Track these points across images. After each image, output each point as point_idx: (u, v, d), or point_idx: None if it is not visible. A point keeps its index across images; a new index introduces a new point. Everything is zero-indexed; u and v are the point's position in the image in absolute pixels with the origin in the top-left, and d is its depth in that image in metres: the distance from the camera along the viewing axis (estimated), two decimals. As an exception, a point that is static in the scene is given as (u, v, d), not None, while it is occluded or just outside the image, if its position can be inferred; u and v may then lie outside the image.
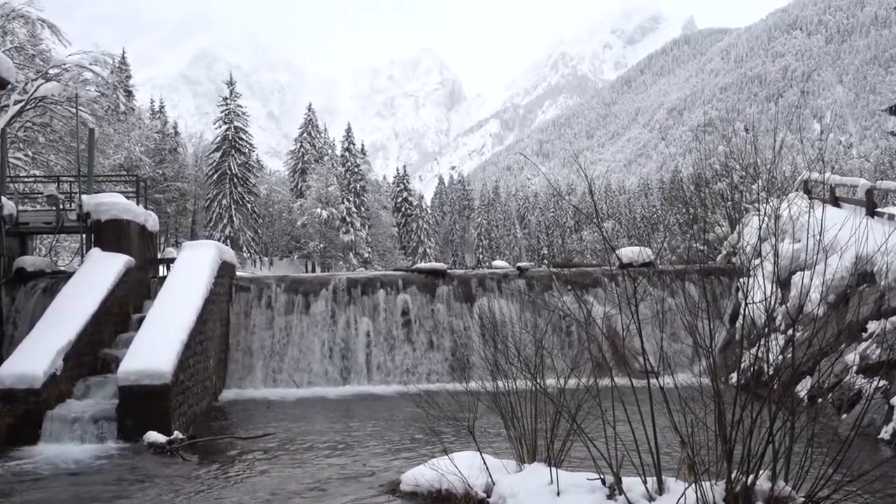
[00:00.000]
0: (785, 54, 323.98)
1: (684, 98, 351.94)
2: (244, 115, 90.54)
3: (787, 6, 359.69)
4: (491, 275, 27.47)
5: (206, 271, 21.83)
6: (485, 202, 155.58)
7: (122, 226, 23.15)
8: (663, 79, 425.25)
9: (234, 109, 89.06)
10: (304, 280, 26.62)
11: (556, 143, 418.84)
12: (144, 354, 16.61)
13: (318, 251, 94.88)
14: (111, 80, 61.85)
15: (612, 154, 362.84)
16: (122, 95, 71.63)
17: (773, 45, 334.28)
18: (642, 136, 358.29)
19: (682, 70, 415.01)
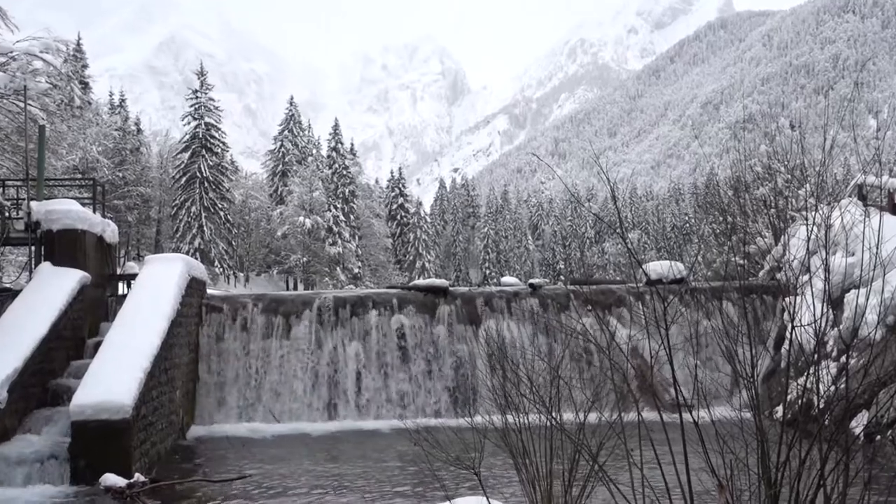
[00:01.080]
0: (836, 40, 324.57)
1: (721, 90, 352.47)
2: (216, 109, 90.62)
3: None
4: (499, 293, 27.44)
5: (173, 289, 21.82)
6: (492, 209, 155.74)
7: (76, 237, 23.12)
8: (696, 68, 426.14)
9: (204, 103, 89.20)
10: (285, 299, 26.61)
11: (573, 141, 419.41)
12: (101, 385, 16.58)
13: (300, 266, 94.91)
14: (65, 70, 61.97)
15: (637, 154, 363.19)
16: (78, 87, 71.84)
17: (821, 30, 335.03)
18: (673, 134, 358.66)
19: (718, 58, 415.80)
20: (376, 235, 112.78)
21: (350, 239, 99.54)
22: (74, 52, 75.33)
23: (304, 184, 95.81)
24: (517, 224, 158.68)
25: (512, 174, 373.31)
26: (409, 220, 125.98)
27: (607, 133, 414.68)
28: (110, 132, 79.16)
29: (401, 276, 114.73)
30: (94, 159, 70.49)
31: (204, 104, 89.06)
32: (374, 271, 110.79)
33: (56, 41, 41.18)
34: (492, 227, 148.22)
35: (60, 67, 54.66)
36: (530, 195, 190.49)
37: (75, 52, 76.13)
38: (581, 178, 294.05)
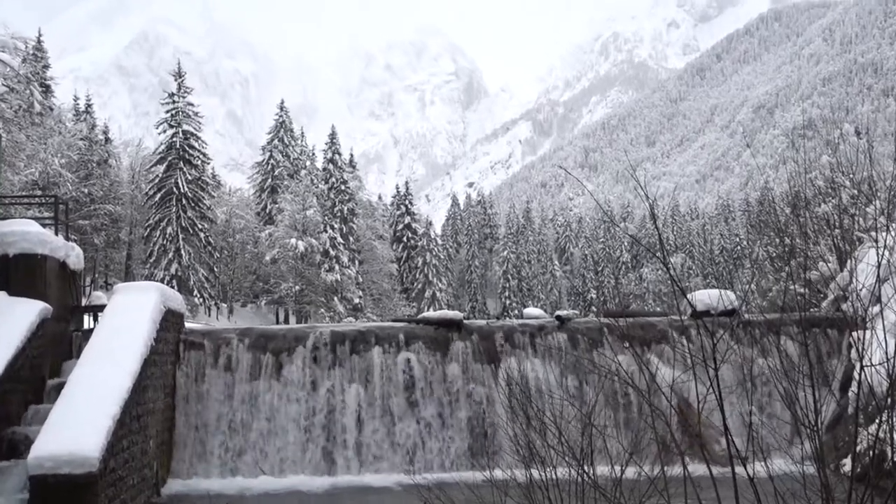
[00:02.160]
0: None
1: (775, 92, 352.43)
2: (196, 116, 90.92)
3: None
4: (521, 327, 27.41)
5: (146, 323, 21.85)
6: (512, 230, 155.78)
7: (35, 263, 23.18)
8: (747, 67, 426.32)
9: (182, 108, 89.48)
10: (275, 334, 26.62)
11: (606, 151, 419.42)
12: (64, 434, 16.57)
13: (292, 295, 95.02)
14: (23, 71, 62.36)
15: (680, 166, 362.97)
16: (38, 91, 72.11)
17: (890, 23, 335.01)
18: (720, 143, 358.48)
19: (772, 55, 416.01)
20: (379, 260, 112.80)
21: (349, 264, 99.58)
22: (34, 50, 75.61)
23: (297, 201, 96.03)
24: (542, 247, 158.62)
25: (535, 189, 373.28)
26: (418, 243, 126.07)
27: (645, 141, 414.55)
28: (75, 142, 79.46)
29: (408, 308, 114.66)
30: (57, 173, 70.72)
31: (181, 109, 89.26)
32: (377, 301, 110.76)
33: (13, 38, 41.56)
34: (512, 251, 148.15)
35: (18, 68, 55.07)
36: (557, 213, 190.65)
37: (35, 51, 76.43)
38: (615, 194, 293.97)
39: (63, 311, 24.23)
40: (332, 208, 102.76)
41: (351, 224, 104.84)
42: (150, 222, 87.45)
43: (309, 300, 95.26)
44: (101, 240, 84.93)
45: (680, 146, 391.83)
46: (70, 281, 25.20)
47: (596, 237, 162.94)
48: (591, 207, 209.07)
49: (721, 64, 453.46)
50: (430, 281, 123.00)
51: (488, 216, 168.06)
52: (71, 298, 25.28)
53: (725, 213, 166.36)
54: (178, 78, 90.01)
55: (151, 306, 22.70)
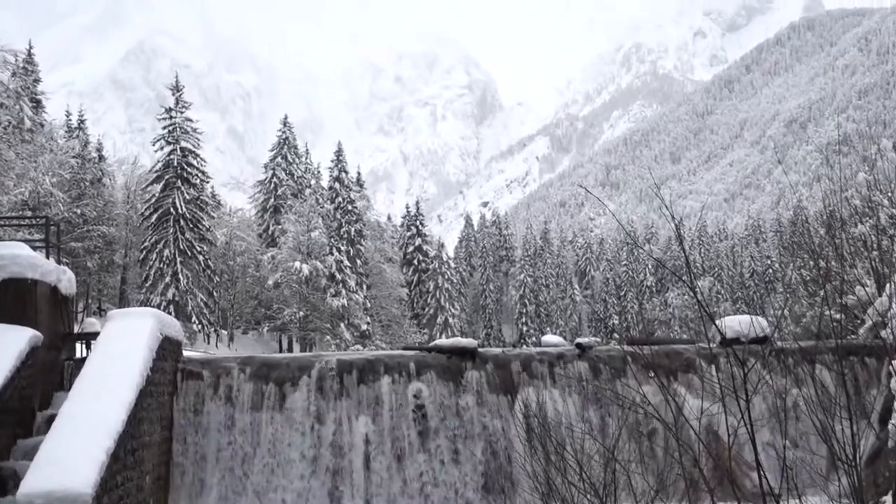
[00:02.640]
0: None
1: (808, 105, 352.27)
2: (195, 132, 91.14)
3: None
4: (540, 355, 27.37)
5: (142, 351, 21.85)
6: (530, 252, 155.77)
7: (24, 287, 23.19)
8: (778, 79, 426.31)
9: (180, 124, 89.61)
10: (278, 363, 26.62)
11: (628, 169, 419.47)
12: (55, 469, 16.56)
13: (296, 322, 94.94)
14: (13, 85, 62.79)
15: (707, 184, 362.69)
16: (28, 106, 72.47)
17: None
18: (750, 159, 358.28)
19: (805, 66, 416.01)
20: (388, 284, 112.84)
21: (357, 289, 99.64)
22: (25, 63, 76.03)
23: (301, 222, 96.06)
24: (561, 270, 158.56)
25: (554, 209, 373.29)
26: (429, 266, 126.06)
27: (670, 158, 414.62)
28: (67, 160, 79.48)
29: (419, 335, 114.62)
30: (48, 193, 70.86)
31: (179, 125, 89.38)
32: (387, 328, 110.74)
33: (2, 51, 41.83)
34: (529, 274, 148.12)
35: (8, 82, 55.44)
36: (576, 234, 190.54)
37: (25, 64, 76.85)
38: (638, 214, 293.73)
39: (54, 338, 24.25)
40: (339, 229, 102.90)
41: (358, 246, 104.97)
42: (146, 244, 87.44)
43: (314, 327, 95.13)
44: (95, 263, 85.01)
45: (707, 163, 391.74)
46: (62, 307, 25.23)
47: (618, 260, 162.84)
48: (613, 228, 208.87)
49: (750, 76, 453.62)
50: (443, 306, 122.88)
51: (504, 237, 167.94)
52: (63, 325, 25.31)
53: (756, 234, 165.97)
54: (176, 92, 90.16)
55: (147, 333, 22.69)
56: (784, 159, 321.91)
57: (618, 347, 29.00)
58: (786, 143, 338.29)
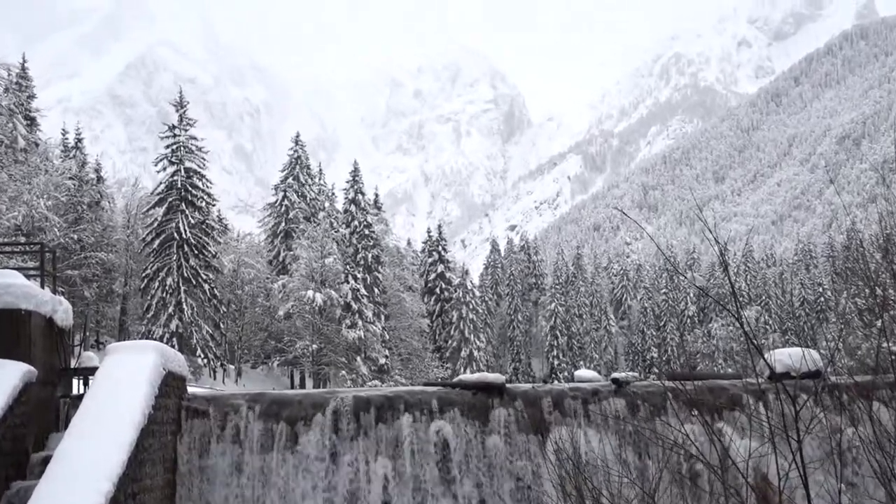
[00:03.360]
0: None
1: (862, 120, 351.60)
2: (200, 151, 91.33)
3: None
4: (572, 391, 27.30)
5: (143, 388, 21.87)
6: (561, 279, 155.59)
7: (18, 319, 23.24)
8: (829, 91, 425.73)
9: (184, 143, 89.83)
10: (290, 400, 26.61)
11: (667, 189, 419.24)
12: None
13: (309, 355, 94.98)
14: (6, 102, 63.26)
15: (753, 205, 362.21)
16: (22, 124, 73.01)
17: None
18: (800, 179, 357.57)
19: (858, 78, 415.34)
20: (408, 315, 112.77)
21: (374, 319, 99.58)
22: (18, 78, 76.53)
23: (314, 247, 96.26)
24: (595, 299, 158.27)
25: (587, 233, 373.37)
26: (452, 295, 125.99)
27: (713, 177, 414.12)
28: (63, 182, 79.89)
29: (441, 370, 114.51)
30: (42, 217, 71.22)
31: (183, 144, 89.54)
32: (407, 362, 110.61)
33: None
34: (561, 304, 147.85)
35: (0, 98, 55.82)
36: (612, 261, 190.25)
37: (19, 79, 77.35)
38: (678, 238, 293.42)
39: (49, 374, 24.28)
40: (355, 256, 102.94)
41: (376, 273, 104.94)
42: (148, 272, 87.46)
43: (328, 361, 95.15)
44: (93, 292, 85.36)
45: (753, 183, 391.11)
46: (57, 340, 25.27)
47: (657, 288, 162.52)
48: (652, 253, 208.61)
49: (799, 88, 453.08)
50: (467, 338, 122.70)
51: (533, 264, 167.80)
52: (58, 360, 25.35)
53: (806, 260, 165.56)
54: (180, 108, 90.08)
55: (149, 369, 22.71)
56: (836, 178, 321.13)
57: (657, 383, 28.88)
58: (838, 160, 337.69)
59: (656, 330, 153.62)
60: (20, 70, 78.59)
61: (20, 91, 76.07)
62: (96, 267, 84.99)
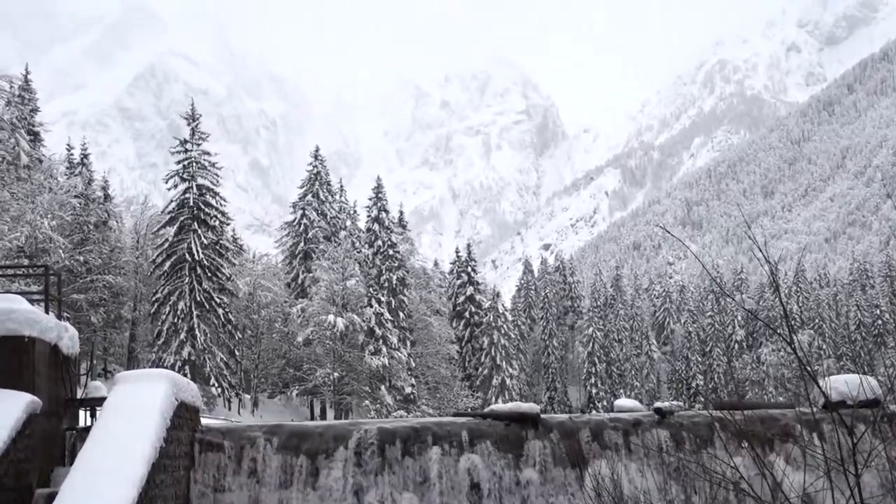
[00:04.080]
0: None
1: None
2: (214, 167, 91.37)
3: None
4: (612, 422, 27.24)
5: (154, 419, 21.90)
6: (599, 302, 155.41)
7: (21, 347, 23.25)
8: (885, 99, 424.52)
9: (196, 158, 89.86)
10: (310, 433, 26.62)
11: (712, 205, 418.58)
12: (55, 555, 16.59)
13: (330, 384, 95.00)
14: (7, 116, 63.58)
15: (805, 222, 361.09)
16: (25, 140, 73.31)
17: None
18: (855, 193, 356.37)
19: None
20: (436, 340, 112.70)
21: (399, 346, 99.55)
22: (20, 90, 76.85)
23: (335, 269, 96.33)
24: (635, 323, 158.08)
25: (626, 252, 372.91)
26: (483, 319, 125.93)
27: (761, 192, 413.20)
28: (68, 200, 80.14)
29: (471, 399, 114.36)
30: (47, 238, 71.47)
31: (195, 160, 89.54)
32: (434, 391, 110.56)
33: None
34: (599, 328, 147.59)
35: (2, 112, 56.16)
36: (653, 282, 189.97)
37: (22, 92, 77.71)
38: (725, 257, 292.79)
39: (54, 405, 24.33)
40: (379, 277, 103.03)
41: (401, 296, 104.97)
42: (158, 296, 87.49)
43: (350, 390, 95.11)
44: (100, 318, 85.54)
45: (804, 197, 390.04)
46: (63, 369, 25.31)
47: (702, 310, 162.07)
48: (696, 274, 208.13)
49: (853, 96, 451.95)
50: (499, 365, 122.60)
51: (569, 285, 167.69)
52: (64, 390, 25.40)
53: (862, 280, 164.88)
54: (192, 121, 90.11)
55: (160, 399, 22.75)
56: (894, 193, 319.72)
57: (704, 412, 28.78)
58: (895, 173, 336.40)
59: (702, 356, 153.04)
60: (23, 82, 78.86)
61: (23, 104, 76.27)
62: (104, 291, 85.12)
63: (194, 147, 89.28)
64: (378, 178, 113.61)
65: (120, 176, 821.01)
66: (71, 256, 77.86)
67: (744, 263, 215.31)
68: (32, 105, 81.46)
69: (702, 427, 26.59)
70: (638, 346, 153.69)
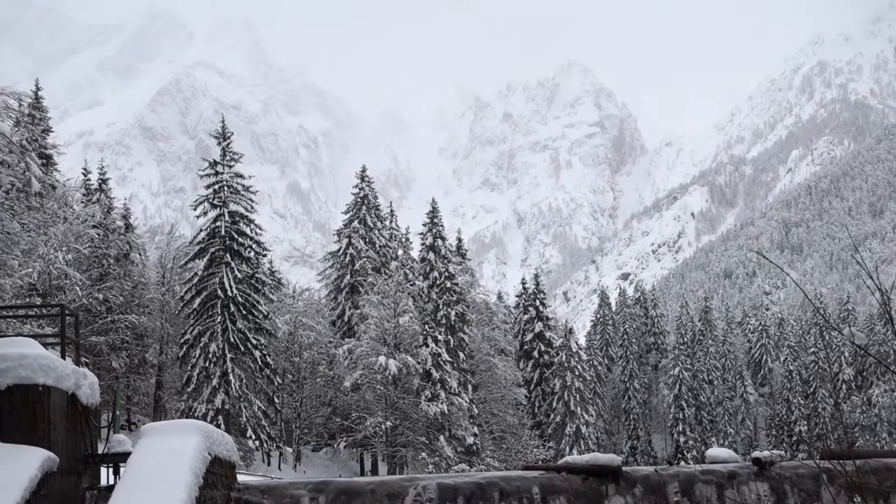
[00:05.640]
0: None
1: None
2: (248, 191, 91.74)
3: None
4: (704, 475, 27.10)
5: (184, 477, 21.94)
6: (686, 338, 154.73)
7: (34, 396, 23.34)
8: None
9: (228, 182, 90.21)
10: (361, 490, 26.63)
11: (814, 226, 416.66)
12: None
13: (382, 435, 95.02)
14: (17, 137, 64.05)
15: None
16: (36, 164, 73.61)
17: None
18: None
19: None
20: (501, 384, 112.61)
21: (460, 390, 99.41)
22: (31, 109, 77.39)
23: (386, 304, 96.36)
24: (728, 361, 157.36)
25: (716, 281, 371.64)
26: (554, 359, 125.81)
27: (868, 211, 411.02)
28: (85, 231, 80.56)
29: (542, 450, 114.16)
30: (62, 273, 71.94)
31: (227, 183, 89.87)
32: (500, 441, 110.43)
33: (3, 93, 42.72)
34: (686, 367, 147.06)
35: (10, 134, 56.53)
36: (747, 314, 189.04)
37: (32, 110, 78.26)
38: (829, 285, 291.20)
39: (73, 461, 24.41)
40: (435, 313, 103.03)
41: (461, 335, 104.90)
42: (188, 337, 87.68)
43: (405, 441, 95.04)
44: (123, 363, 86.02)
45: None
46: (82, 421, 25.39)
47: (804, 346, 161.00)
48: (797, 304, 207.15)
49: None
50: (573, 411, 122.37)
51: (651, 319, 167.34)
52: (83, 445, 25.48)
53: None
54: (223, 140, 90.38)
55: (191, 454, 22.78)
56: None
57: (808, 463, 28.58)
58: None
59: (804, 398, 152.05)
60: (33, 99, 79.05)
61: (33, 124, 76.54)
62: (126, 332, 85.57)
63: (226, 169, 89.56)
64: (433, 200, 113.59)
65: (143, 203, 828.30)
66: (89, 294, 78.33)
67: (851, 292, 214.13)
68: (44, 125, 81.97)
69: (807, 479, 26.42)
70: (731, 388, 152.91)
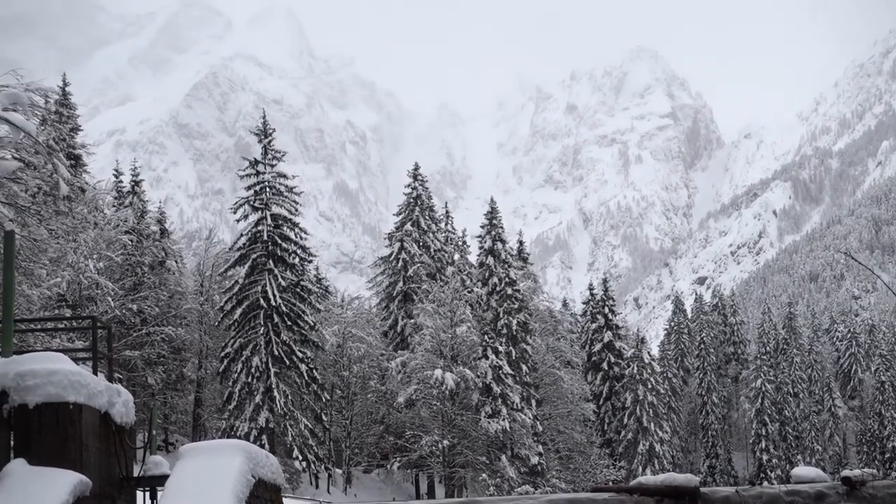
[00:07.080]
0: None
1: None
2: (291, 192, 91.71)
3: None
4: (789, 496, 26.89)
5: (227, 500, 21.99)
6: (769, 347, 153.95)
7: (66, 416, 23.37)
8: None
9: (270, 183, 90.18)
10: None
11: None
12: None
13: (439, 454, 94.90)
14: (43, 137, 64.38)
15: None
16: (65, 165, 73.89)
17: None
18: None
19: None
20: (567, 398, 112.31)
21: (522, 405, 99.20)
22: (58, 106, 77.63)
23: (442, 312, 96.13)
24: (815, 372, 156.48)
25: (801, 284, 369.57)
26: (625, 371, 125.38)
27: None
28: (117, 237, 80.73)
29: (613, 470, 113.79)
30: (93, 283, 72.20)
31: (269, 184, 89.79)
32: (567, 461, 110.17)
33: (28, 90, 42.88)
34: (769, 379, 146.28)
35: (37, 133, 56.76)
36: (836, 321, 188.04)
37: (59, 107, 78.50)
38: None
39: (106, 485, 24.51)
40: (495, 322, 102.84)
41: (523, 345, 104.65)
42: (228, 351, 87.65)
43: (464, 461, 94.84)
44: (159, 379, 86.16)
45: None
46: (116, 441, 25.48)
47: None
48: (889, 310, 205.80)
49: None
50: (646, 428, 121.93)
51: (731, 327, 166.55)
52: (117, 467, 25.58)
53: None
54: (264, 138, 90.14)
55: (234, 476, 22.79)
56: None
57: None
58: None
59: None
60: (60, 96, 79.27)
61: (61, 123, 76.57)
62: (162, 346, 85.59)
63: (267, 169, 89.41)
64: (492, 200, 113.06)
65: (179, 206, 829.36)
66: (122, 305, 78.40)
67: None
68: (72, 123, 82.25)
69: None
70: (818, 401, 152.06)
